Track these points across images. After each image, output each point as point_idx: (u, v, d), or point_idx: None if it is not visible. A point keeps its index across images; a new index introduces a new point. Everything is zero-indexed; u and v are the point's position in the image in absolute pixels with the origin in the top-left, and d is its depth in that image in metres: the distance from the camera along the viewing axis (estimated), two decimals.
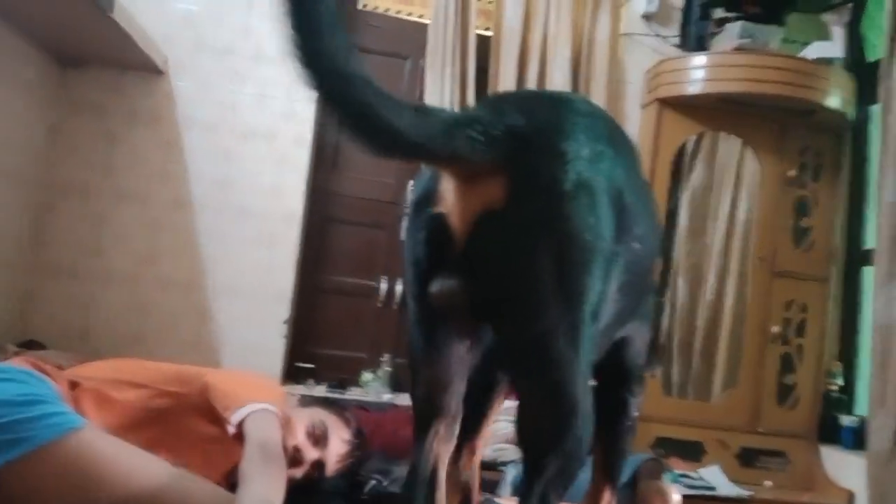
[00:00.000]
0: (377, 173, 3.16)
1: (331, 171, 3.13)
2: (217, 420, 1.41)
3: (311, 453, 1.47)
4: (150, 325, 2.83)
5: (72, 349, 2.44)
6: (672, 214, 3.21)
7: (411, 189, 3.07)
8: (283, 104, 2.93)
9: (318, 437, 1.50)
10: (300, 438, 1.47)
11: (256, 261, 2.90)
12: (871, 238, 2.88)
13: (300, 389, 2.74)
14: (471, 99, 2.94)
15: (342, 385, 2.89)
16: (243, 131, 2.91)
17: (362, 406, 2.48)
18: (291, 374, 2.96)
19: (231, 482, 1.30)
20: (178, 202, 2.87)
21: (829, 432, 2.92)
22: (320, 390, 2.81)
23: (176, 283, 2.85)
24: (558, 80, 2.97)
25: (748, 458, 2.83)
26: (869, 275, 2.78)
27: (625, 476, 2.21)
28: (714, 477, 2.67)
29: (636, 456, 2.34)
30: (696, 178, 3.37)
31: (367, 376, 2.95)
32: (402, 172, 3.14)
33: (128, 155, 2.84)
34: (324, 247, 3.12)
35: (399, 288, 3.08)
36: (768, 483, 2.75)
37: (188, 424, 1.41)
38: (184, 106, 2.88)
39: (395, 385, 2.90)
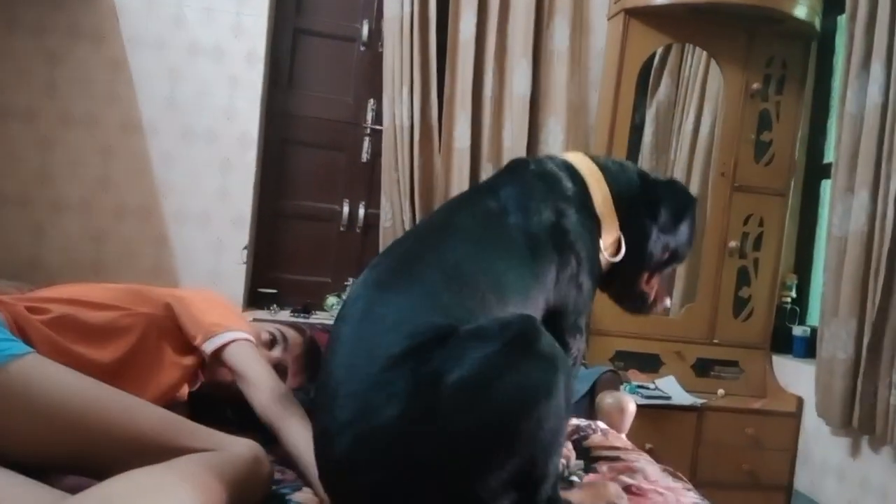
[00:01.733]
0: (336, 92, 3.06)
1: (287, 90, 3.01)
2: (183, 344, 1.41)
3: (268, 355, 1.49)
4: (107, 254, 2.77)
5: (21, 279, 2.39)
6: (637, 130, 3.18)
7: (371, 108, 3.00)
8: (230, 17, 2.78)
9: (274, 342, 1.52)
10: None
11: (213, 186, 2.83)
12: (832, 152, 2.90)
13: (263, 315, 2.73)
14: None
15: (306, 310, 2.89)
16: (190, 48, 2.77)
17: (326, 329, 2.48)
18: (254, 300, 2.95)
19: (170, 403, 1.30)
20: (128, 125, 2.75)
21: (782, 342, 3.02)
22: (284, 315, 2.81)
23: (131, 210, 2.78)
24: None
25: (703, 369, 2.93)
26: (827, 188, 2.81)
27: (584, 388, 2.28)
28: (670, 387, 2.76)
29: (595, 368, 2.41)
30: (662, 92, 3.32)
31: (331, 300, 2.95)
32: (361, 91, 3.04)
33: (72, 75, 2.70)
34: (283, 170, 3.04)
35: (362, 211, 3.05)
36: (721, 391, 2.86)
37: (154, 347, 1.39)
38: (128, 22, 2.72)
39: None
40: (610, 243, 1.31)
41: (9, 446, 0.98)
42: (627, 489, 1.27)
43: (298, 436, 1.17)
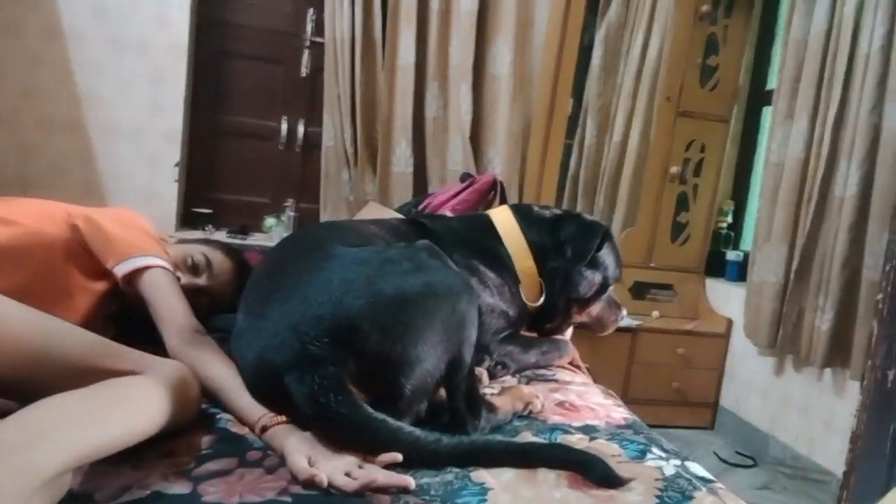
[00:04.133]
0: (273, 0, 2.88)
1: None
2: (95, 268, 1.33)
3: (192, 281, 1.43)
4: (33, 168, 2.61)
5: None
6: (586, 52, 3.12)
7: (311, 18, 2.84)
8: None
9: (196, 267, 1.46)
10: (178, 271, 1.42)
11: (142, 98, 2.66)
12: (775, 79, 2.91)
13: (197, 235, 2.64)
14: None
15: (244, 231, 2.81)
16: None
17: (262, 251, 2.42)
18: (189, 221, 2.84)
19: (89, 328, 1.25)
20: (52, 33, 2.55)
21: (716, 266, 3.12)
22: (220, 236, 2.72)
23: (57, 123, 2.61)
24: None
25: (639, 291, 3.01)
26: (768, 115, 2.84)
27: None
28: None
29: None
30: (612, 13, 3.25)
31: (270, 221, 2.88)
32: (299, 1, 2.88)
33: None
34: (217, 84, 2.89)
35: (301, 129, 2.94)
36: (656, 313, 2.94)
37: (60, 271, 1.32)
38: None
39: (300, 229, 2.85)
40: (531, 291, 1.47)
41: None
42: (560, 405, 1.30)
43: (214, 368, 1.13)
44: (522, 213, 1.54)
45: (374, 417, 0.96)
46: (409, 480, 0.91)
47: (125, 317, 1.39)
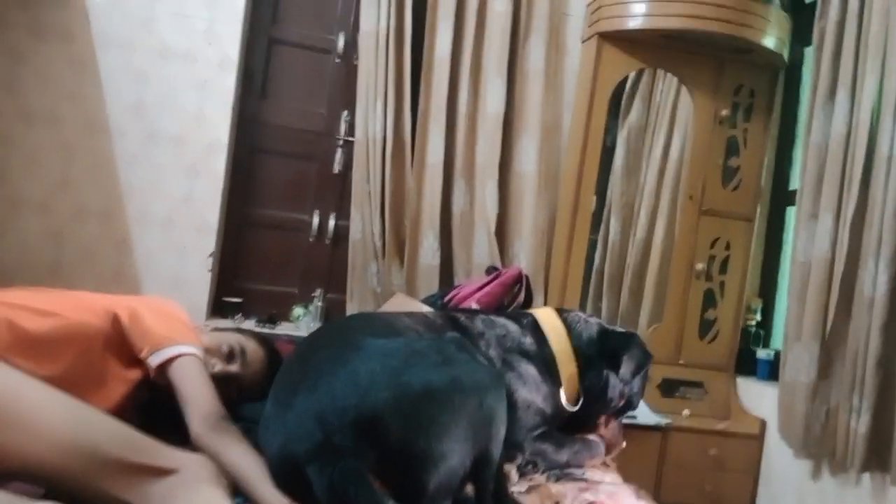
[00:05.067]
0: (308, 102, 3.04)
1: (259, 98, 2.98)
2: (130, 357, 1.35)
3: (225, 368, 1.45)
4: (67, 256, 2.69)
5: None
6: (609, 152, 3.21)
7: (345, 119, 2.98)
8: (203, 23, 2.75)
9: (231, 354, 1.48)
10: (207, 357, 1.43)
11: (178, 191, 2.78)
12: (797, 179, 2.96)
13: (227, 323, 2.67)
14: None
15: (272, 320, 2.84)
16: (161, 51, 2.73)
17: (291, 340, 2.44)
18: (219, 309, 2.89)
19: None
20: (92, 126, 2.69)
21: (746, 365, 3.05)
22: (249, 325, 2.75)
23: (92, 212, 2.71)
24: (500, 8, 2.88)
25: (669, 389, 2.94)
26: (792, 214, 2.86)
27: None
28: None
29: None
30: (633, 116, 3.37)
31: (298, 311, 2.91)
32: (334, 103, 3.03)
33: (36, 73, 2.64)
34: (252, 178, 3.00)
35: (332, 223, 3.02)
36: (686, 412, 2.87)
37: (98, 360, 1.34)
38: (97, 21, 2.67)
39: (327, 320, 2.87)
40: (570, 393, 1.50)
41: None
42: None
43: (236, 455, 1.13)
44: (570, 318, 1.59)
45: None
46: None
47: (153, 406, 1.40)
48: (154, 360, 1.31)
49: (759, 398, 2.92)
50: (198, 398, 1.26)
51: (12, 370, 1.01)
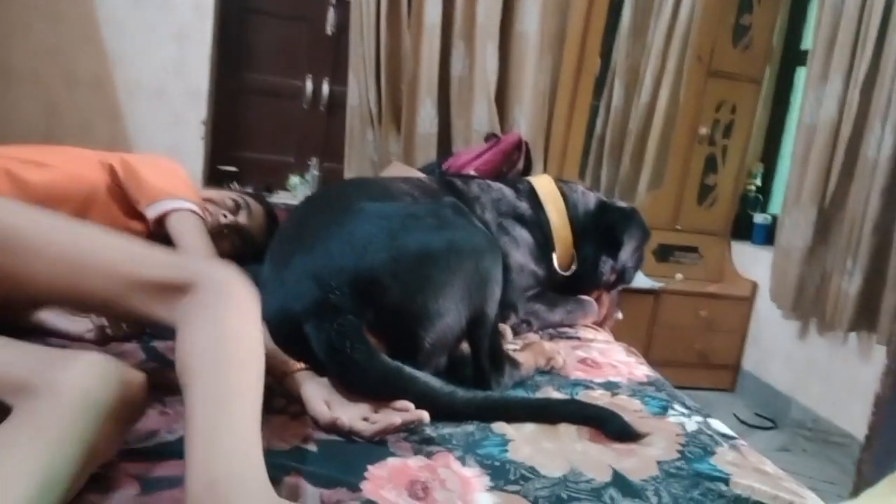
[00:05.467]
0: None
1: None
2: (131, 209, 1.37)
3: (234, 219, 1.48)
4: (60, 126, 2.62)
5: None
6: (615, 10, 3.05)
7: None
8: None
9: (237, 206, 1.51)
10: (215, 208, 1.47)
11: (167, 56, 2.67)
12: (810, 39, 2.83)
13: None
14: None
15: (268, 188, 2.82)
16: None
17: (288, 208, 2.44)
18: (213, 178, 2.86)
19: None
20: None
21: (743, 229, 3.08)
22: None
23: (83, 81, 2.62)
24: None
25: (664, 254, 2.99)
26: (802, 75, 2.77)
27: None
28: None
29: None
30: None
31: (294, 180, 2.89)
32: None
33: None
34: (242, 42, 2.87)
35: (326, 88, 2.93)
36: (680, 276, 2.93)
37: (103, 210, 1.35)
38: None
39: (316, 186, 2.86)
40: (563, 259, 1.52)
41: None
42: (583, 361, 1.31)
43: None
44: (567, 188, 1.58)
45: (390, 365, 0.98)
46: (424, 414, 0.93)
47: None
48: (151, 213, 1.32)
49: (752, 262, 2.97)
50: (196, 250, 1.29)
51: (10, 201, 0.96)
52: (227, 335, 0.76)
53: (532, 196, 1.54)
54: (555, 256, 1.50)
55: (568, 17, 2.89)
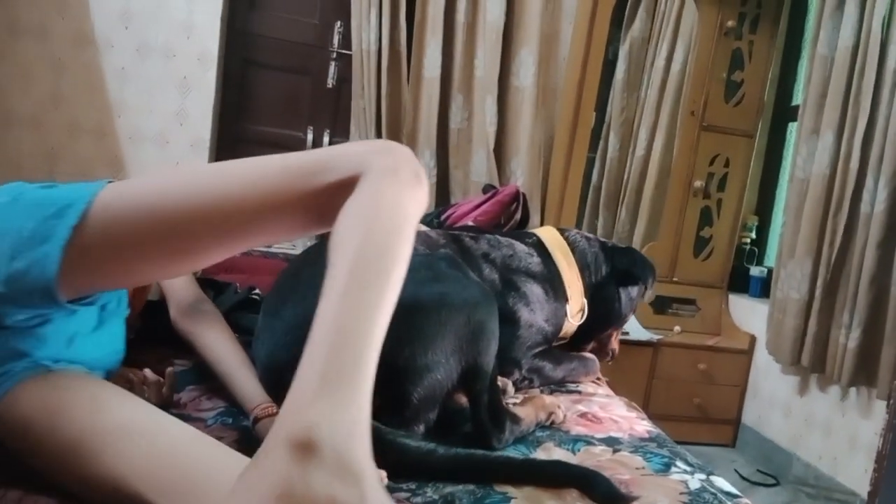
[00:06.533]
0: (300, 13, 2.92)
1: (249, 8, 2.87)
2: None
3: None
4: (60, 173, 2.65)
5: None
6: (610, 65, 3.13)
7: (338, 30, 2.88)
8: None
9: None
10: None
11: (170, 106, 2.71)
12: (800, 94, 2.90)
13: None
14: None
15: None
16: None
17: (287, 259, 2.45)
18: None
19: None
20: (80, 38, 2.60)
21: (739, 282, 3.09)
22: None
23: (84, 129, 2.66)
24: None
25: (661, 306, 2.99)
26: (794, 130, 2.82)
27: None
28: (628, 323, 2.81)
29: None
30: (636, 28, 3.26)
31: None
32: (327, 13, 2.91)
33: None
34: (245, 93, 2.93)
35: (326, 139, 2.96)
36: (678, 328, 2.92)
37: None
38: None
39: (323, 240, 2.86)
40: (577, 310, 1.54)
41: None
42: (584, 416, 1.30)
43: (211, 339, 1.16)
44: (571, 237, 1.61)
45: None
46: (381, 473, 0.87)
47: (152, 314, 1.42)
48: None
49: (750, 315, 2.97)
50: (175, 286, 1.29)
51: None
52: (382, 203, 0.75)
53: (540, 248, 1.55)
54: (568, 308, 1.51)
55: (563, 72, 2.97)
